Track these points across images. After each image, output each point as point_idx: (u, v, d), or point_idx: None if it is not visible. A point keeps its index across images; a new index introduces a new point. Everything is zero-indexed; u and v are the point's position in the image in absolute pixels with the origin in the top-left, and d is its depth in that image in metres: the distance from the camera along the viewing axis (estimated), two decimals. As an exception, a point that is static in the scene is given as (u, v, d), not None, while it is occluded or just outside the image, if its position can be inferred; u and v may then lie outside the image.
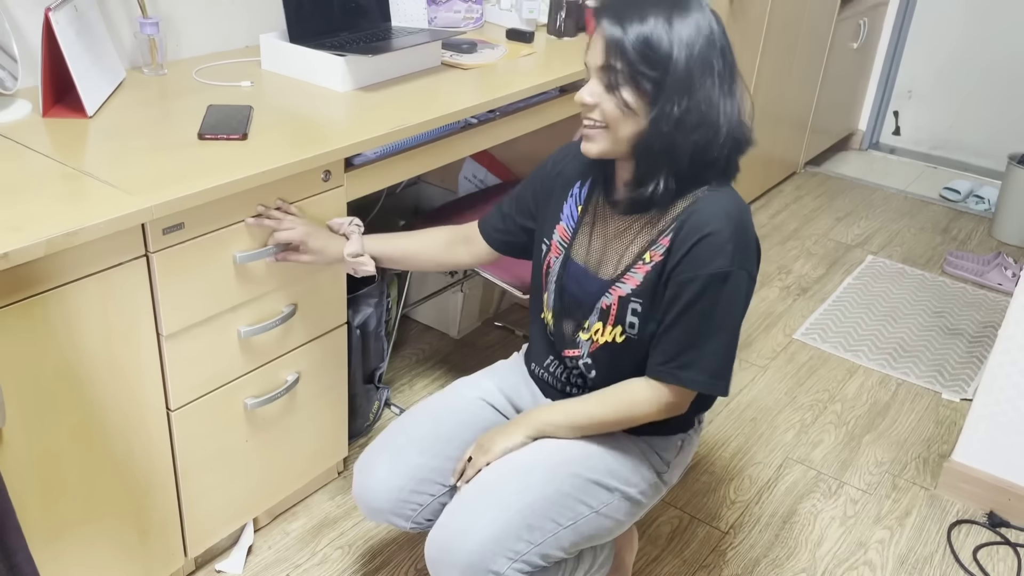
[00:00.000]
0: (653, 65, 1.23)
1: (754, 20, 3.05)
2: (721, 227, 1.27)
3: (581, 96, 1.29)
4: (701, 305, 1.28)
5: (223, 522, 1.72)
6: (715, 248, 1.26)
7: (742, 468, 2.19)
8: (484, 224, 1.60)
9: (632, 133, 1.27)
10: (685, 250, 1.28)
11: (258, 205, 1.52)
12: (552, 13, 2.44)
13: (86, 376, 1.36)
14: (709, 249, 1.27)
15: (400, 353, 2.52)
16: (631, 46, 1.22)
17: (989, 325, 2.90)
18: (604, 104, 1.27)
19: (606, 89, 1.26)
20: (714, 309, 1.28)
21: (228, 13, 2.05)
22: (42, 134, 1.52)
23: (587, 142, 1.32)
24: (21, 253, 1.17)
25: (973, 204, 3.84)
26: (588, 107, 1.29)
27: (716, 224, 1.27)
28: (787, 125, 3.69)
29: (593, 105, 1.28)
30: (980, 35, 4.00)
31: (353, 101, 1.82)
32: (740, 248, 1.28)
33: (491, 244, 1.59)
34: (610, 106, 1.27)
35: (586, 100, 1.28)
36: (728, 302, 1.29)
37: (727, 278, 1.27)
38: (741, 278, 1.28)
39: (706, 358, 1.30)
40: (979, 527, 2.07)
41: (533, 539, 1.32)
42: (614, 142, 1.29)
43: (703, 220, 1.28)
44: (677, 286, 1.29)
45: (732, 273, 1.27)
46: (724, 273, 1.27)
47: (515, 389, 1.57)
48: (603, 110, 1.27)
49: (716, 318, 1.29)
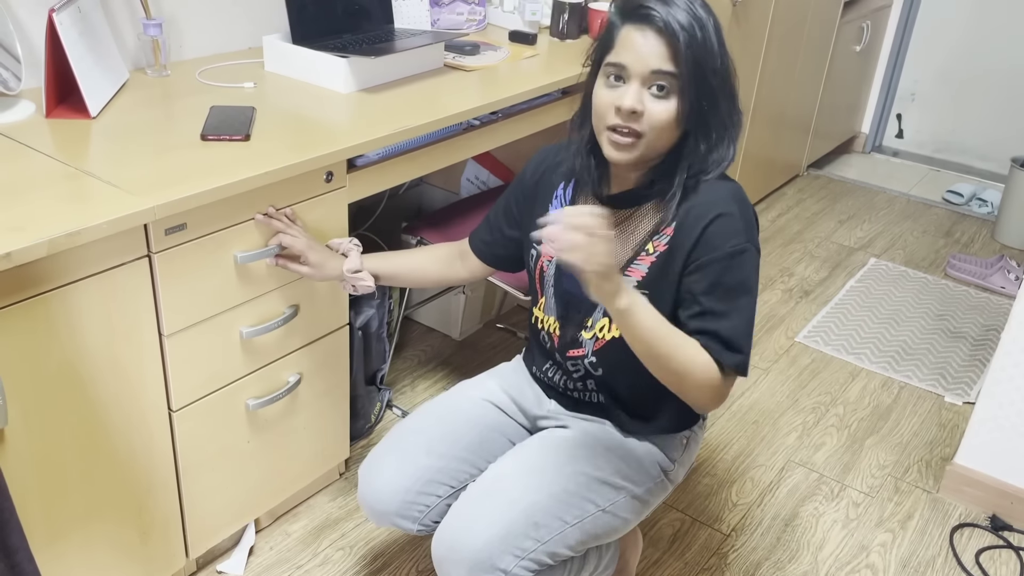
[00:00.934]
0: (713, 71, 1.20)
1: (757, 23, 3.05)
2: (730, 208, 1.27)
3: (627, 103, 1.21)
4: (724, 284, 1.26)
5: (224, 523, 1.72)
6: (729, 228, 1.26)
7: (744, 471, 2.19)
8: (474, 238, 1.59)
9: (668, 142, 1.25)
10: (697, 235, 1.27)
11: (269, 206, 1.52)
12: (555, 15, 2.44)
13: (88, 376, 1.36)
14: (724, 229, 1.26)
15: (402, 355, 2.52)
16: (696, 50, 1.18)
17: (992, 328, 2.89)
18: (653, 112, 1.21)
19: (656, 96, 1.21)
20: (735, 285, 1.26)
21: (231, 14, 2.06)
22: (45, 134, 1.53)
23: (618, 150, 1.25)
24: (24, 253, 1.18)
25: (976, 207, 3.84)
26: (634, 116, 1.22)
27: (724, 206, 1.27)
28: (790, 128, 3.69)
29: (640, 113, 1.22)
30: (983, 38, 4.00)
31: (356, 102, 1.82)
32: (749, 225, 1.29)
33: (482, 258, 1.58)
34: (663, 114, 1.21)
35: (637, 107, 1.21)
36: (748, 276, 1.28)
37: (744, 253, 1.26)
38: (754, 256, 1.29)
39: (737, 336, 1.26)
40: (982, 530, 2.06)
41: (540, 537, 1.32)
42: (649, 150, 1.25)
43: (709, 204, 1.27)
44: (698, 271, 1.27)
45: (748, 249, 1.27)
46: (741, 249, 1.26)
47: (519, 390, 1.57)
48: (651, 120, 1.22)
49: (738, 294, 1.27)
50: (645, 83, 1.22)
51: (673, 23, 1.19)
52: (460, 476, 1.46)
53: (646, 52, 1.20)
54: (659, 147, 1.26)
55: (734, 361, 1.25)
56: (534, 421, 1.56)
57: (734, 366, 1.25)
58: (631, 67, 1.22)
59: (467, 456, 1.47)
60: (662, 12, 1.19)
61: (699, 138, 1.26)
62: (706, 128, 1.26)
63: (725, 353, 1.25)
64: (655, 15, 1.19)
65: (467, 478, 1.46)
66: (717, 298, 1.26)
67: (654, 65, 1.20)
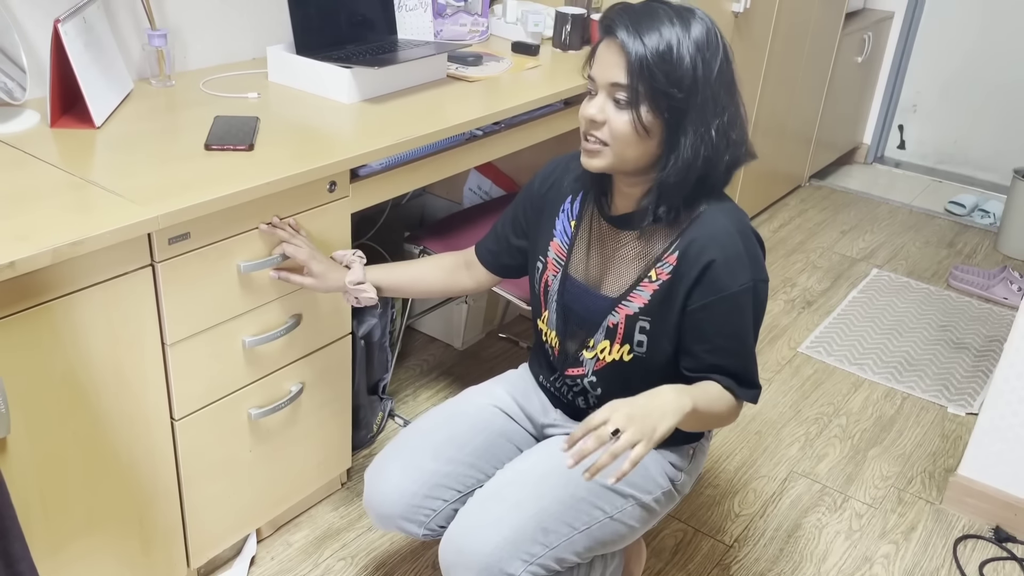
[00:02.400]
0: (677, 85, 1.19)
1: (759, 34, 3.06)
2: (734, 245, 1.28)
3: (589, 112, 1.25)
4: (732, 323, 1.29)
5: (226, 533, 1.72)
6: (734, 267, 1.27)
7: (747, 481, 2.18)
8: (480, 247, 1.59)
9: (639, 154, 1.25)
10: (698, 273, 1.28)
11: (274, 216, 1.53)
12: (557, 26, 2.45)
13: (91, 385, 1.36)
14: (729, 269, 1.27)
15: (404, 364, 2.52)
16: (654, 63, 1.18)
17: (995, 339, 2.89)
18: (614, 122, 1.23)
19: (618, 106, 1.22)
20: (745, 323, 1.30)
21: (236, 25, 2.07)
22: (50, 144, 1.53)
23: (589, 157, 1.28)
24: (28, 262, 1.18)
25: (978, 218, 3.84)
26: (596, 124, 1.25)
27: (727, 242, 1.27)
28: (792, 139, 3.69)
29: (602, 122, 1.24)
30: (985, 49, 4.01)
31: (359, 113, 1.83)
32: (753, 259, 1.30)
33: (489, 268, 1.58)
34: (622, 125, 1.22)
35: (596, 117, 1.24)
36: (756, 311, 1.31)
37: (750, 292, 1.29)
38: (762, 288, 1.31)
39: (751, 370, 1.34)
40: (985, 542, 2.05)
41: (548, 542, 1.32)
42: (619, 160, 1.26)
43: (711, 238, 1.27)
44: (705, 311, 1.29)
45: (753, 286, 1.29)
46: (747, 287, 1.28)
47: (525, 397, 1.57)
48: (612, 129, 1.24)
49: (748, 331, 1.32)
50: (609, 94, 1.24)
51: (628, 37, 1.19)
52: (466, 481, 1.46)
53: (607, 64, 1.23)
54: (630, 157, 1.26)
55: (750, 396, 1.34)
56: (541, 429, 1.56)
57: (751, 400, 1.34)
58: (597, 79, 1.25)
59: (474, 461, 1.47)
60: (622, 26, 1.21)
61: (668, 151, 1.25)
62: (674, 141, 1.24)
63: (741, 389, 1.32)
64: (615, 28, 1.22)
65: (473, 483, 1.46)
66: (726, 336, 1.30)
67: (612, 77, 1.22)
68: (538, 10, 2.47)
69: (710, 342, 1.30)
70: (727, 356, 1.31)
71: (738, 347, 1.31)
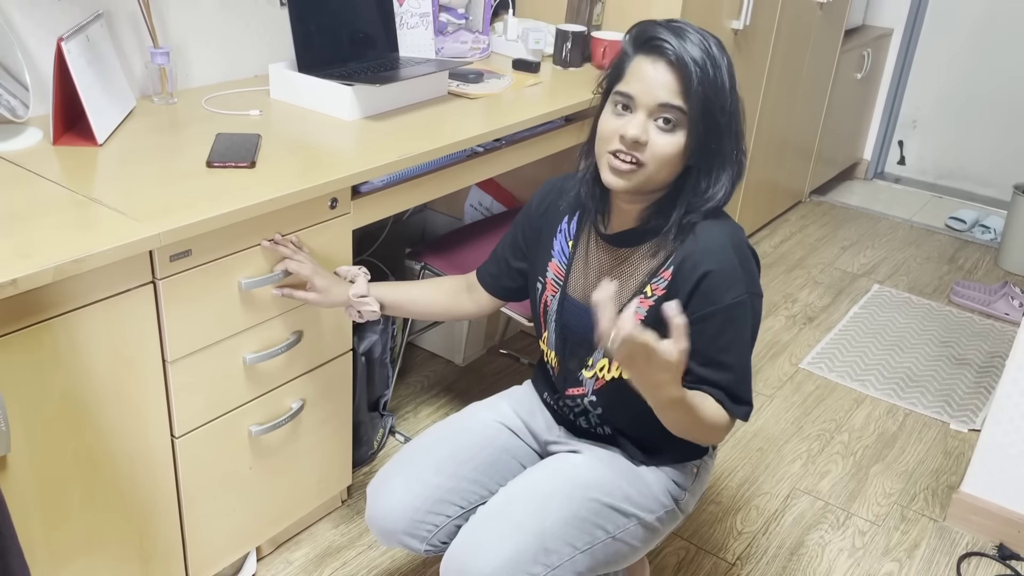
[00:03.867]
0: (721, 109, 1.20)
1: (758, 51, 3.08)
2: (728, 258, 1.26)
3: (631, 132, 1.21)
4: (725, 336, 1.28)
5: (226, 551, 1.71)
6: (727, 280, 1.26)
7: (749, 498, 2.17)
8: (482, 271, 1.59)
9: (668, 175, 1.25)
10: (692, 286, 1.27)
11: (276, 233, 1.53)
12: (558, 44, 2.46)
13: (91, 403, 1.36)
14: (722, 282, 1.26)
15: (405, 380, 2.52)
16: (708, 88, 1.18)
17: (996, 355, 2.88)
18: (657, 144, 1.21)
19: (662, 128, 1.21)
20: (737, 337, 1.28)
21: (238, 43, 2.08)
22: (52, 162, 1.54)
23: (616, 176, 1.25)
24: (29, 279, 1.18)
25: (979, 234, 3.84)
26: (638, 145, 1.22)
27: (721, 256, 1.26)
28: (792, 154, 3.70)
29: (644, 143, 1.22)
30: (984, 65, 4.02)
31: (360, 130, 1.83)
32: (747, 273, 1.28)
33: (490, 291, 1.58)
34: (667, 147, 1.21)
35: (640, 138, 1.21)
36: (749, 325, 1.29)
37: (744, 304, 1.27)
38: (755, 302, 1.29)
39: (743, 386, 1.31)
40: (989, 559, 2.04)
41: (550, 562, 1.31)
42: (648, 181, 1.25)
43: (706, 252, 1.26)
44: (699, 323, 1.27)
45: (748, 299, 1.27)
46: (740, 301, 1.27)
47: (530, 413, 1.56)
48: (654, 151, 1.22)
49: (740, 345, 1.29)
50: (651, 115, 1.21)
51: (686, 57, 1.19)
52: (470, 497, 1.45)
53: (656, 84, 1.20)
54: (658, 180, 1.25)
55: (741, 412, 1.31)
56: (545, 446, 1.55)
57: (741, 417, 1.31)
58: (639, 97, 1.22)
59: (477, 477, 1.46)
60: (675, 45, 1.19)
61: (701, 175, 1.26)
62: (709, 166, 1.25)
63: (731, 404, 1.29)
64: (668, 48, 1.19)
65: (477, 499, 1.45)
66: (720, 350, 1.28)
67: (662, 98, 1.20)
68: (539, 28, 2.49)
69: (703, 355, 1.28)
70: (719, 370, 1.29)
71: (731, 361, 1.29)
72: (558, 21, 2.62)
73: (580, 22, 2.59)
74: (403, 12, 2.20)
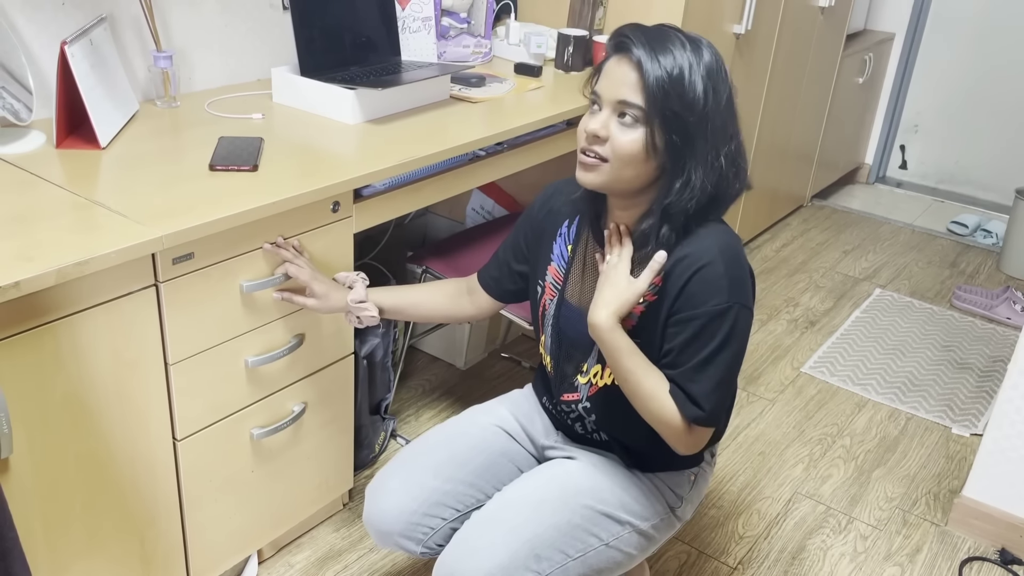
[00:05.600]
0: (688, 109, 1.19)
1: (760, 56, 3.08)
2: (715, 262, 1.24)
3: (592, 127, 1.23)
4: (700, 342, 1.25)
5: (227, 554, 1.71)
6: (711, 285, 1.24)
7: (750, 502, 2.17)
8: (482, 274, 1.59)
9: (636, 174, 1.24)
10: (679, 288, 1.26)
11: (278, 236, 1.53)
12: (559, 48, 2.47)
13: (93, 405, 1.36)
14: (704, 286, 1.24)
15: (406, 384, 2.52)
16: (668, 85, 1.18)
17: (998, 360, 2.88)
18: (617, 140, 1.22)
19: (622, 124, 1.22)
20: (712, 345, 1.25)
21: (240, 47, 2.09)
22: (55, 165, 1.54)
23: (585, 172, 1.27)
24: (32, 282, 1.18)
25: (981, 238, 3.84)
26: (598, 139, 1.24)
27: (709, 259, 1.24)
28: (794, 159, 3.71)
29: (604, 138, 1.23)
30: (986, 69, 4.02)
31: (362, 133, 1.84)
32: (735, 282, 1.25)
33: (491, 293, 1.58)
34: (625, 143, 1.22)
35: (599, 132, 1.23)
36: (728, 335, 1.25)
37: (725, 313, 1.24)
38: (739, 313, 1.25)
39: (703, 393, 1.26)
40: (991, 564, 2.04)
41: (541, 569, 1.31)
42: (614, 178, 1.25)
43: (696, 256, 1.25)
44: (676, 325, 1.26)
45: (730, 308, 1.24)
46: (722, 309, 1.24)
47: (528, 418, 1.56)
48: (614, 146, 1.23)
49: (714, 354, 1.25)
50: (614, 111, 1.23)
51: (645, 56, 1.19)
52: (466, 500, 1.45)
53: (618, 81, 1.22)
54: (627, 178, 1.25)
55: (692, 415, 1.26)
56: (542, 450, 1.55)
57: (692, 419, 1.26)
58: (603, 94, 1.24)
59: (474, 480, 1.46)
60: (638, 44, 1.20)
61: (674, 176, 1.24)
62: (680, 167, 1.23)
63: (688, 405, 1.26)
64: (631, 46, 1.21)
65: (473, 502, 1.45)
66: (691, 354, 1.26)
67: (621, 94, 1.21)
68: (540, 32, 2.49)
69: (673, 354, 1.27)
70: (686, 374, 1.26)
71: (698, 367, 1.25)
72: (560, 25, 2.63)
73: (582, 26, 2.59)
74: (405, 16, 2.21)
